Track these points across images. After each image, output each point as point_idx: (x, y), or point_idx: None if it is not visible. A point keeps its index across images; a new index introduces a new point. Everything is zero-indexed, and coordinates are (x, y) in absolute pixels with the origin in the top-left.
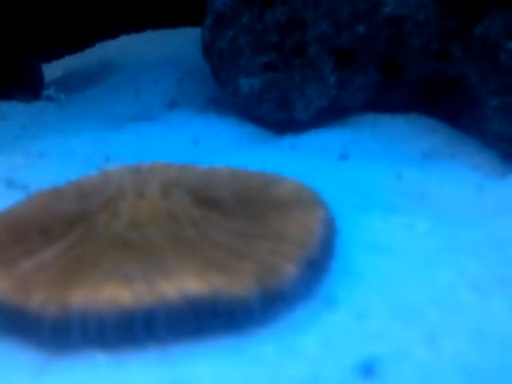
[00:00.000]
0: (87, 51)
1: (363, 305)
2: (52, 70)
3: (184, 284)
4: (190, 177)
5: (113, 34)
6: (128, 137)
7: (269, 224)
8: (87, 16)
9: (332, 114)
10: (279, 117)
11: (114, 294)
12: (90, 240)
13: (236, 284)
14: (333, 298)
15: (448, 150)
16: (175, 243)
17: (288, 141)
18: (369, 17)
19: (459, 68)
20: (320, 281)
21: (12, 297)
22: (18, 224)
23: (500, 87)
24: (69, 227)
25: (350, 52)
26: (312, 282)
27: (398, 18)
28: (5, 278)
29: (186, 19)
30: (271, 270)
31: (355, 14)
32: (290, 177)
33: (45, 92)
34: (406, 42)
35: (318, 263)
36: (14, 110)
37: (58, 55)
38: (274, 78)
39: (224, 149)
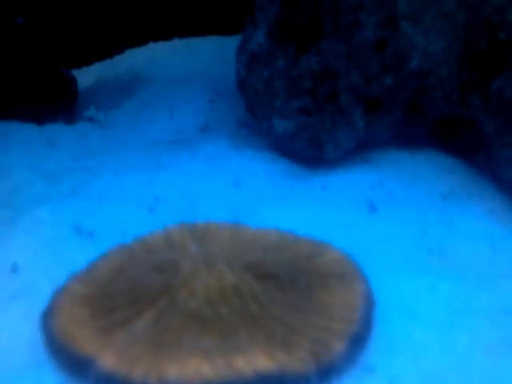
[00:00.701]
0: (116, 58)
1: (396, 371)
2: (82, 78)
3: (255, 360)
4: (245, 246)
5: (141, 41)
6: (173, 177)
7: (317, 298)
8: (115, 22)
9: (358, 150)
10: (310, 155)
11: (198, 368)
12: (173, 314)
13: (297, 360)
14: (372, 365)
15: (464, 191)
16: (242, 318)
17: (318, 180)
18: (396, 70)
19: (476, 114)
20: (362, 350)
21: (118, 369)
22: (104, 290)
23: None
24: (153, 299)
25: (378, 100)
26: (356, 353)
27: (422, 71)
28: (108, 350)
29: (213, 27)
30: (324, 346)
31: (383, 67)
32: (333, 245)
33: (85, 113)
34: (428, 92)
35: (361, 337)
36: (61, 134)
37: (87, 61)
38: (307, 122)
39: (263, 191)
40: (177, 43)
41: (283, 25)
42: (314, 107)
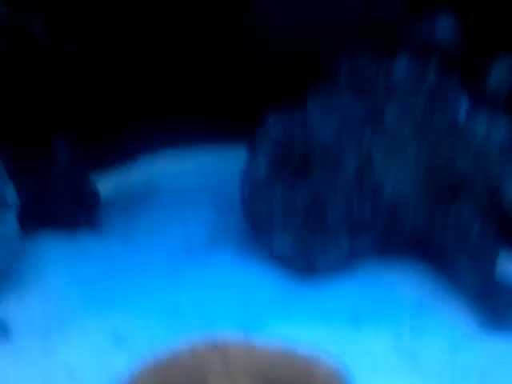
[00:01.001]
0: (128, 166)
1: None
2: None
3: None
4: (258, 361)
5: (151, 149)
6: (190, 287)
7: None
8: (127, 131)
9: (344, 263)
10: (304, 268)
11: None
12: None
13: None
14: None
15: (433, 298)
16: None
17: (312, 290)
18: (373, 198)
19: (439, 232)
20: None
21: None
22: None
23: (470, 266)
24: None
25: (359, 223)
26: None
27: (394, 199)
28: None
29: (218, 136)
30: None
31: (363, 196)
32: (328, 359)
33: (112, 227)
34: (400, 216)
35: None
36: (89, 243)
37: (100, 167)
38: (302, 242)
39: (267, 300)
40: (184, 153)
41: (279, 161)
42: (307, 230)
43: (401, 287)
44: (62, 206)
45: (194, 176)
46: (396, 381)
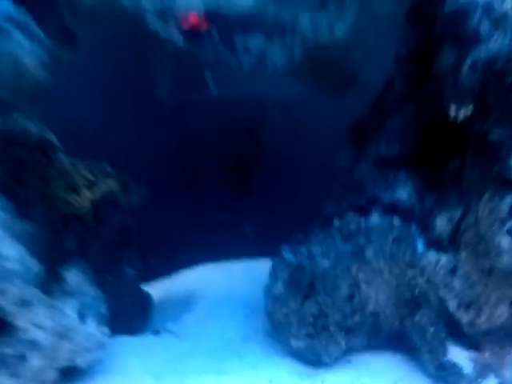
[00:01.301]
0: (174, 278)
1: None
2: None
3: None
4: None
5: (192, 262)
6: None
7: None
8: (173, 248)
9: (343, 356)
10: (314, 361)
11: None
12: None
13: None
14: None
15: (410, 380)
16: None
17: (320, 377)
18: (360, 311)
19: (409, 332)
20: None
21: None
22: None
23: (429, 356)
24: None
25: (352, 328)
26: None
27: (376, 313)
28: None
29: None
30: None
31: (353, 309)
32: None
33: (166, 326)
34: (381, 322)
35: None
36: (152, 342)
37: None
38: (311, 342)
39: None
40: (218, 266)
41: (292, 282)
42: (315, 333)
43: (385, 372)
44: (126, 309)
45: (228, 285)
46: None
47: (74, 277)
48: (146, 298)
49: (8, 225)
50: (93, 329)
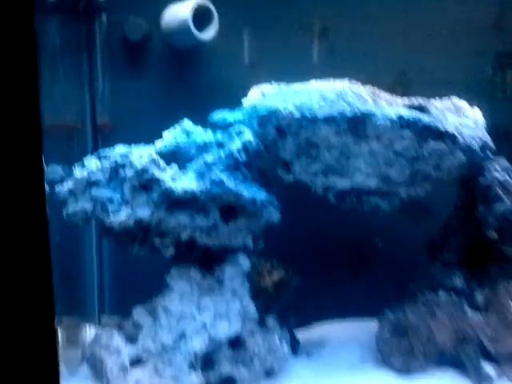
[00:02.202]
0: (310, 329)
1: None
2: None
3: None
4: None
5: (321, 318)
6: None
7: None
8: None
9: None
10: (404, 371)
11: None
12: None
13: None
14: None
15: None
16: None
17: (410, 379)
18: (433, 345)
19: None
20: None
21: None
22: None
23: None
24: None
25: (427, 353)
26: None
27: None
28: None
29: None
30: None
31: (429, 345)
32: None
33: (311, 352)
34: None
35: None
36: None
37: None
38: (406, 360)
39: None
40: (338, 324)
41: (394, 333)
42: (407, 357)
43: (447, 377)
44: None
45: (347, 334)
46: None
47: (271, 321)
48: (297, 339)
49: (249, 293)
50: (285, 348)
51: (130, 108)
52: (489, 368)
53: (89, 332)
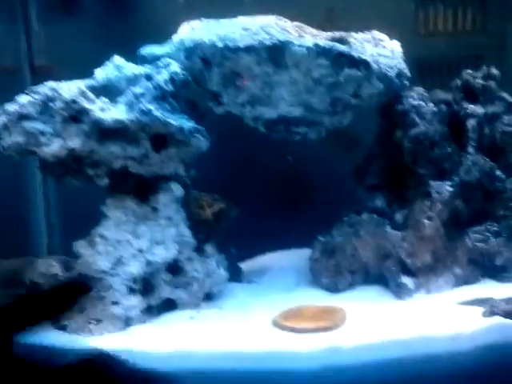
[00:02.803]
0: (254, 260)
1: None
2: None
3: None
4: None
5: (263, 252)
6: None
7: None
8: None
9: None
10: (333, 289)
11: None
12: None
13: None
14: None
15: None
16: None
17: (338, 295)
18: (358, 263)
19: (382, 276)
20: None
21: None
22: None
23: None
24: None
25: (354, 271)
26: None
27: (365, 263)
28: None
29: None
30: None
31: (354, 262)
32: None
33: (253, 279)
34: (368, 271)
35: None
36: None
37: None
38: (333, 280)
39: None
40: (279, 253)
41: (323, 253)
42: (335, 275)
43: (370, 291)
44: (231, 272)
45: (286, 262)
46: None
47: (209, 248)
48: (240, 268)
49: (184, 220)
50: (222, 272)
51: (68, 49)
52: (408, 281)
53: None
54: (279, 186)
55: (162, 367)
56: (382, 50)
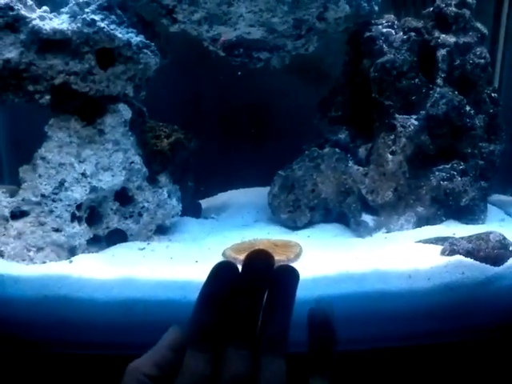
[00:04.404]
0: (215, 197)
1: None
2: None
3: None
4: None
5: (225, 189)
6: (250, 231)
7: None
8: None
9: (308, 224)
10: (292, 225)
11: None
12: None
13: None
14: None
15: (342, 232)
16: None
17: (296, 232)
18: (317, 198)
19: (343, 215)
20: None
21: None
22: None
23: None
24: None
25: (313, 207)
26: None
27: (325, 199)
28: None
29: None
30: None
31: (313, 197)
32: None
33: (210, 215)
34: (329, 208)
35: None
36: (201, 222)
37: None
38: (291, 215)
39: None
40: (241, 191)
41: (282, 188)
42: (293, 211)
43: (329, 229)
44: (187, 207)
45: (248, 199)
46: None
47: (163, 179)
48: (199, 204)
49: (134, 147)
50: (174, 203)
51: None
52: (368, 218)
53: None
54: (244, 121)
55: (100, 295)
56: None
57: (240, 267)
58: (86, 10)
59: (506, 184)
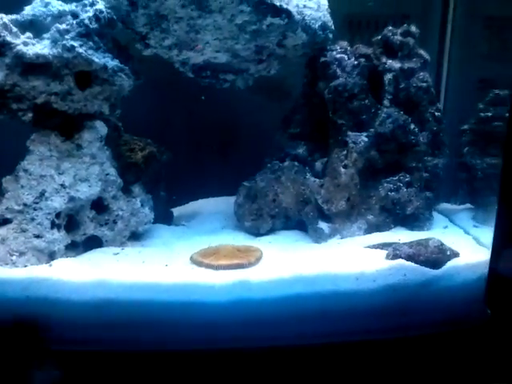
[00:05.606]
0: (186, 205)
1: None
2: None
3: None
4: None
5: (196, 198)
6: (217, 237)
7: None
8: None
9: (270, 231)
10: (255, 233)
11: None
12: None
13: None
14: None
15: (303, 238)
16: None
17: (260, 239)
18: (278, 207)
19: (302, 222)
20: None
21: None
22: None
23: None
24: None
25: (275, 216)
26: None
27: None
28: None
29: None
30: None
31: (274, 206)
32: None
33: (181, 223)
34: (289, 215)
35: None
36: (172, 229)
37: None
38: (255, 223)
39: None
40: (212, 199)
41: (247, 198)
42: (256, 219)
43: (289, 236)
44: (160, 215)
45: (216, 208)
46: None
47: (136, 189)
48: (170, 212)
49: (110, 159)
50: (147, 212)
51: None
52: (324, 225)
53: None
54: (212, 136)
55: (77, 296)
56: (307, 1)
57: (205, 270)
58: (66, 36)
59: (451, 194)
